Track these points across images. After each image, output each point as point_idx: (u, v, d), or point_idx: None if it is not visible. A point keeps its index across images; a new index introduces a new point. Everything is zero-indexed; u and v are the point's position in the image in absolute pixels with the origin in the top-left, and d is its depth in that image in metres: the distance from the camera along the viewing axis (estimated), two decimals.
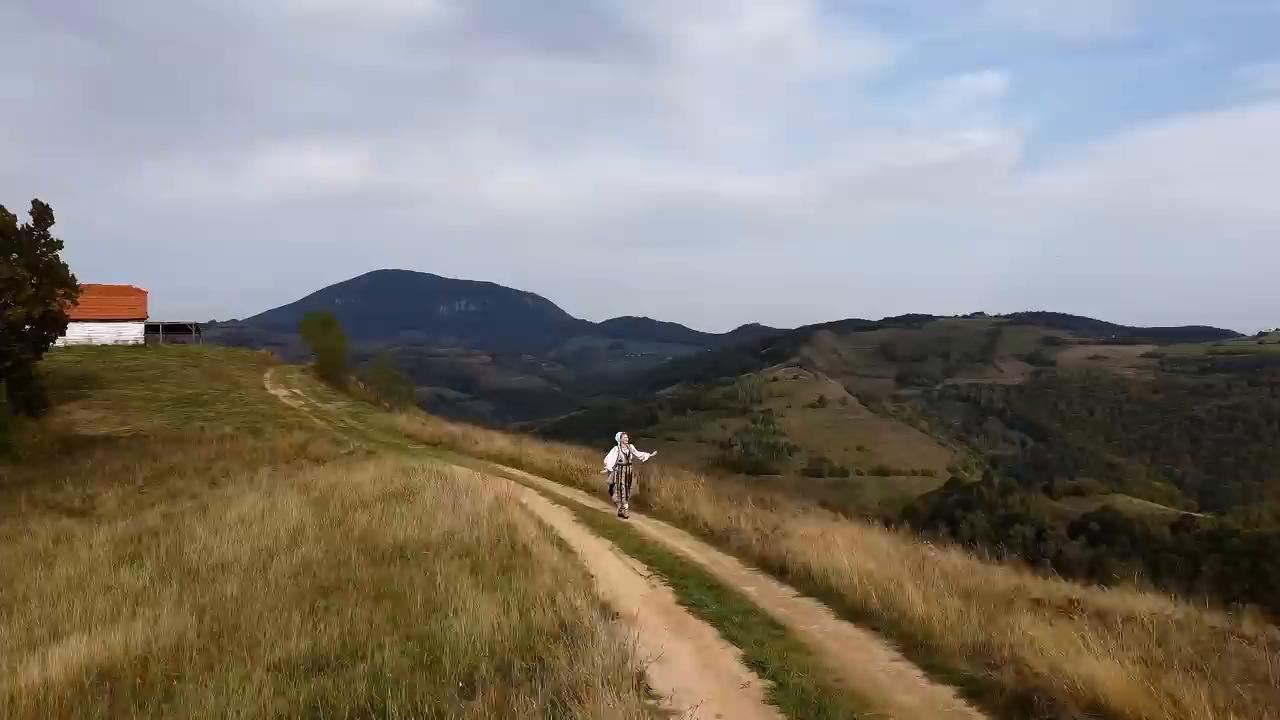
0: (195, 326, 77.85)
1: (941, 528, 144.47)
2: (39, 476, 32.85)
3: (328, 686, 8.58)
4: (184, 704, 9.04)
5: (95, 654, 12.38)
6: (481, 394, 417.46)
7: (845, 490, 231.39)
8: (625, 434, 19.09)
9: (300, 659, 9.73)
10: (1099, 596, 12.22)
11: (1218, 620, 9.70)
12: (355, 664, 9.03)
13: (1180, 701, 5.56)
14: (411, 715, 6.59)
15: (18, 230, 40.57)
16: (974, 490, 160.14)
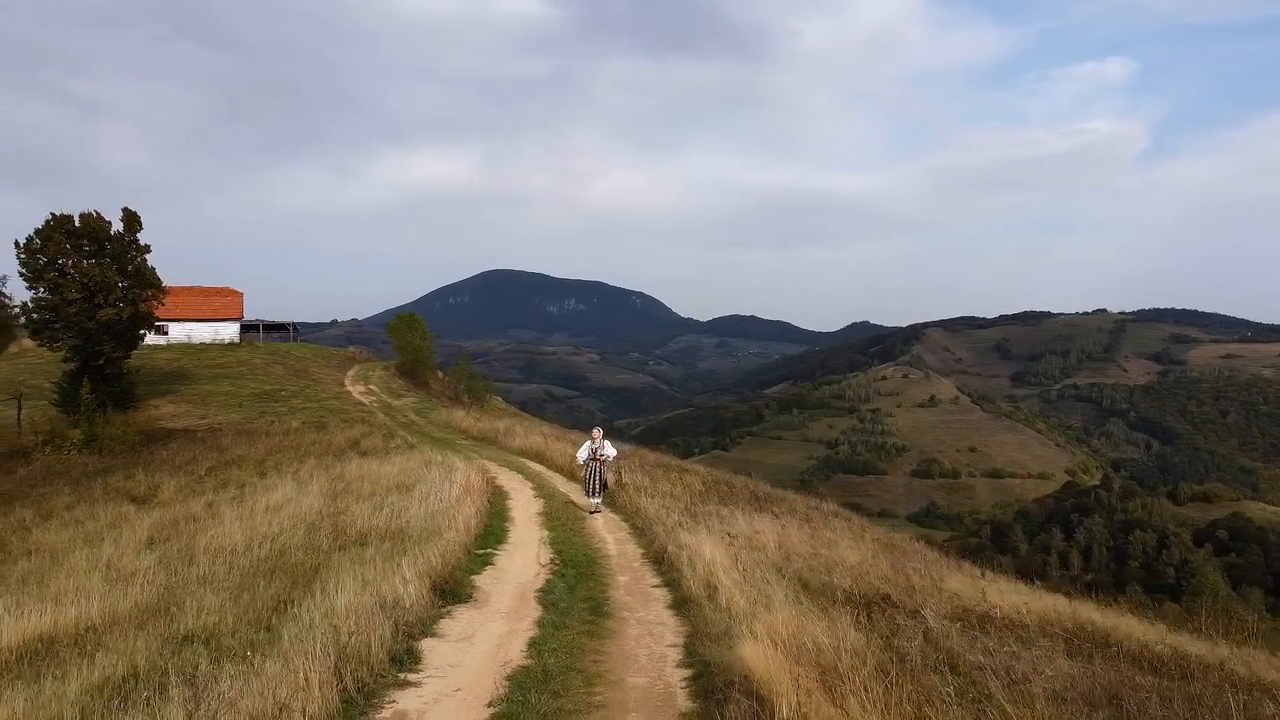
0: (293, 326, 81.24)
1: (1056, 532, 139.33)
2: (118, 466, 35.00)
3: (185, 652, 9.09)
4: (67, 665, 9.74)
5: (49, 624, 13.45)
6: (589, 391, 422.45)
7: (957, 492, 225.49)
8: (600, 429, 19.05)
9: (183, 632, 10.34)
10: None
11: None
12: (220, 639, 9.43)
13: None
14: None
15: (111, 236, 43.24)
16: (1092, 494, 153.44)
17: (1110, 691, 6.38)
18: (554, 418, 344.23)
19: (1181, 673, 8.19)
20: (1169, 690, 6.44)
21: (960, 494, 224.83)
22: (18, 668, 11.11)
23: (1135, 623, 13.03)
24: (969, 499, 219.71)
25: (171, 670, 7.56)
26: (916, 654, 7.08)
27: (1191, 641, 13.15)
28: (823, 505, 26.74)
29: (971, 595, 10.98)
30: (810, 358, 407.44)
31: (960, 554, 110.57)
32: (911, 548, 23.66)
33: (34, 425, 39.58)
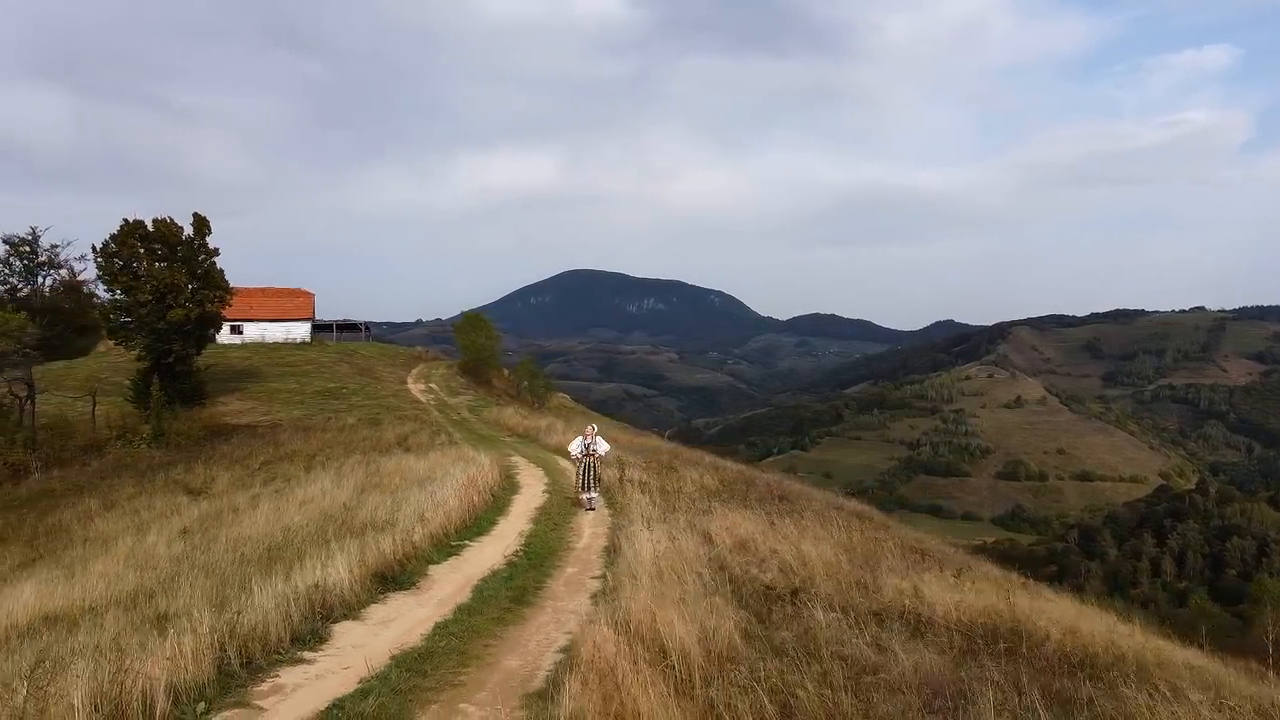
0: (365, 325, 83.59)
1: (1147, 538, 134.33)
2: (181, 460, 36.75)
3: (144, 630, 9.74)
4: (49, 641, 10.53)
5: (62, 604, 14.47)
6: (668, 390, 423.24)
7: (1044, 495, 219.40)
8: (594, 426, 19.30)
9: (159, 612, 11.04)
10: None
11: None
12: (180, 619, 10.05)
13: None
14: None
15: (182, 240, 45.32)
16: (1187, 499, 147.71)
17: (955, 684, 6.43)
18: (632, 416, 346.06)
19: (1091, 675, 8.10)
20: (1028, 684, 6.45)
21: (1047, 497, 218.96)
22: (13, 641, 12.05)
23: (1116, 628, 12.82)
24: (1056, 502, 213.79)
25: (110, 645, 8.17)
26: (791, 644, 7.23)
27: (1168, 648, 12.89)
28: (847, 504, 26.53)
29: (927, 596, 10.94)
30: (892, 357, 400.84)
31: (1030, 560, 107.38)
32: (939, 550, 23.37)
33: (109, 420, 41.77)
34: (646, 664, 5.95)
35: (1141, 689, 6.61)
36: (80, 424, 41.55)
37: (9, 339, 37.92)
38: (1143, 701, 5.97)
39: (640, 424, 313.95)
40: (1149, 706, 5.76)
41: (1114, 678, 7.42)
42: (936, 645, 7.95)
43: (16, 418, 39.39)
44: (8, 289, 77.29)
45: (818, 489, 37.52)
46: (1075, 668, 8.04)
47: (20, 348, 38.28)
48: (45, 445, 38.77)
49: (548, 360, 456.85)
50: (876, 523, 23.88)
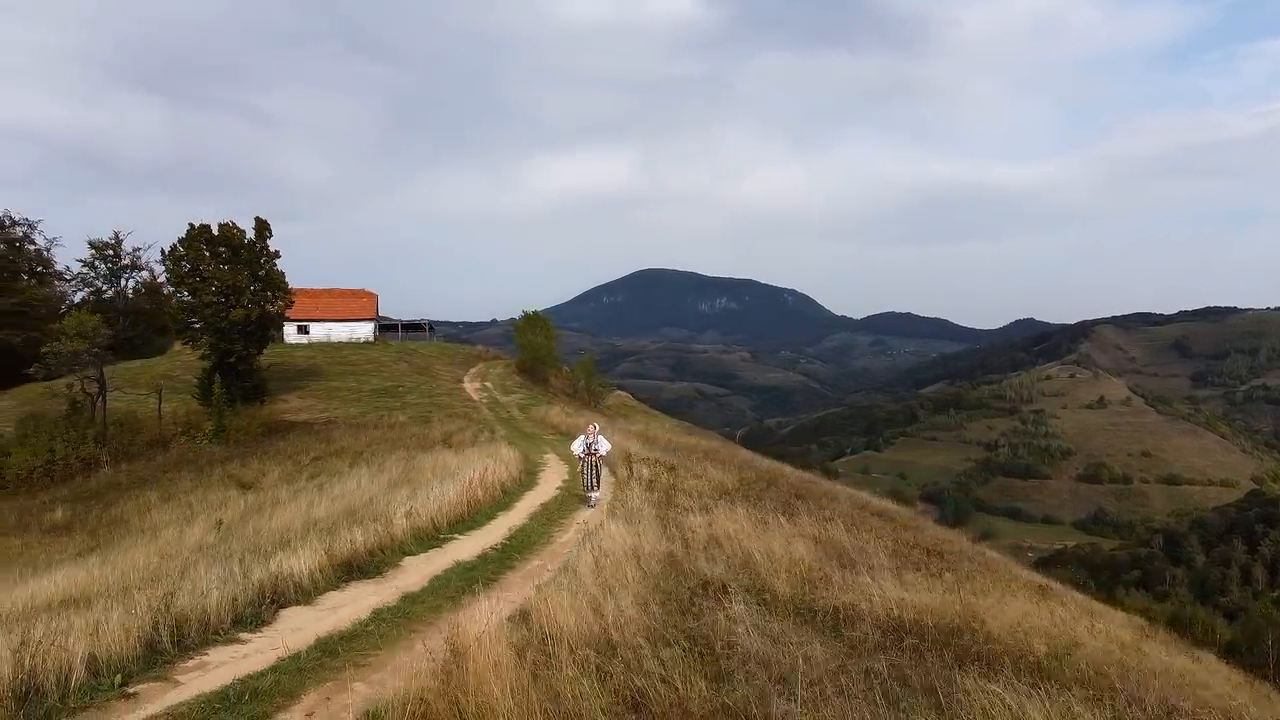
0: (429, 325, 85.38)
1: (1238, 544, 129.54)
2: (238, 455, 38.24)
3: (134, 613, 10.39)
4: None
5: (84, 587, 15.37)
6: (740, 390, 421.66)
7: (1127, 498, 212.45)
8: (595, 425, 19.52)
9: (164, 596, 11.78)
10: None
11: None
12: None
13: None
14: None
15: (244, 243, 47.03)
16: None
17: (838, 669, 6.56)
18: (703, 416, 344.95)
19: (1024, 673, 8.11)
20: (908, 671, 6.54)
21: (1131, 500, 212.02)
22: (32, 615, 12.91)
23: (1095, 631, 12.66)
24: (1141, 506, 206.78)
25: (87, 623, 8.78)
26: (690, 634, 7.41)
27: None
28: (875, 504, 26.36)
29: (882, 594, 10.98)
30: (970, 356, 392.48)
31: (1112, 565, 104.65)
32: (963, 551, 23.09)
33: (174, 417, 43.63)
34: (515, 651, 6.21)
35: (1033, 685, 6.65)
36: (149, 420, 43.43)
37: (82, 339, 39.88)
38: (1011, 699, 6.01)
39: (711, 424, 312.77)
40: (1005, 700, 5.80)
41: (1033, 677, 7.43)
42: (851, 640, 8.04)
43: (89, 414, 41.41)
44: (93, 291, 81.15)
45: (859, 490, 37.20)
46: (995, 664, 8.04)
47: (92, 347, 40.19)
48: (115, 441, 40.67)
49: (620, 359, 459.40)
50: (900, 523, 23.66)
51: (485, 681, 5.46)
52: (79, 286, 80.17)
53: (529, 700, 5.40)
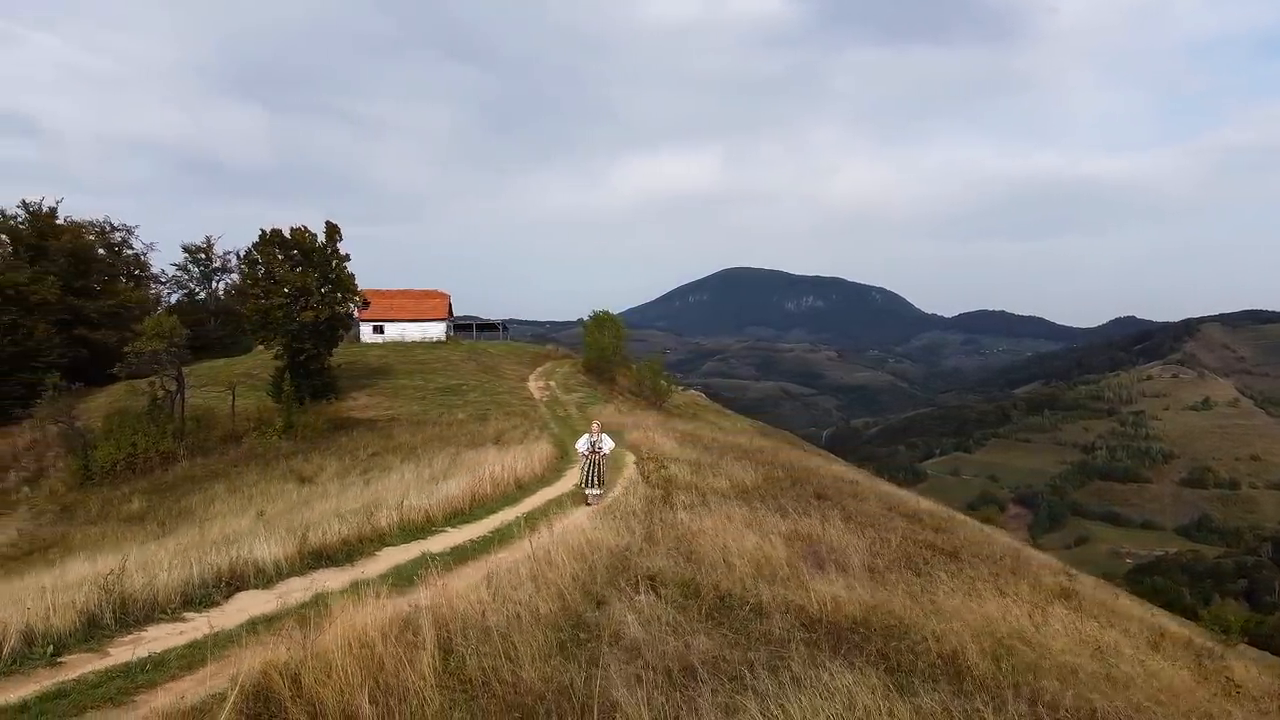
0: (503, 325, 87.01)
1: None
2: (303, 450, 39.86)
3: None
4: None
5: (102, 571, 16.46)
6: (826, 389, 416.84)
7: (1234, 504, 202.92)
8: (599, 423, 19.73)
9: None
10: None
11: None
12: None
13: None
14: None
15: (315, 247, 48.88)
16: None
17: (715, 658, 6.81)
18: (789, 415, 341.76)
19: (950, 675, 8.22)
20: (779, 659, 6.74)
21: (1239, 506, 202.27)
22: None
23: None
24: (1249, 512, 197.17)
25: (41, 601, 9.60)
26: (591, 624, 7.74)
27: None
28: (907, 503, 26.06)
29: (825, 592, 11.12)
30: (1066, 355, 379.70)
31: (1216, 573, 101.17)
32: (982, 553, 22.75)
33: (248, 413, 45.66)
34: (381, 634, 6.63)
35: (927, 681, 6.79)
36: (224, 416, 45.56)
37: (160, 339, 42.06)
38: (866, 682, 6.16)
39: (796, 424, 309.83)
40: (840, 685, 5.96)
41: (948, 676, 7.56)
42: (756, 633, 8.23)
43: (168, 411, 43.65)
44: (186, 292, 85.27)
45: (900, 489, 36.73)
46: (906, 662, 8.15)
47: (169, 347, 42.34)
48: (191, 436, 42.82)
49: (705, 359, 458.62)
50: (929, 524, 23.36)
51: (329, 660, 5.88)
52: (173, 288, 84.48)
53: (353, 675, 5.81)
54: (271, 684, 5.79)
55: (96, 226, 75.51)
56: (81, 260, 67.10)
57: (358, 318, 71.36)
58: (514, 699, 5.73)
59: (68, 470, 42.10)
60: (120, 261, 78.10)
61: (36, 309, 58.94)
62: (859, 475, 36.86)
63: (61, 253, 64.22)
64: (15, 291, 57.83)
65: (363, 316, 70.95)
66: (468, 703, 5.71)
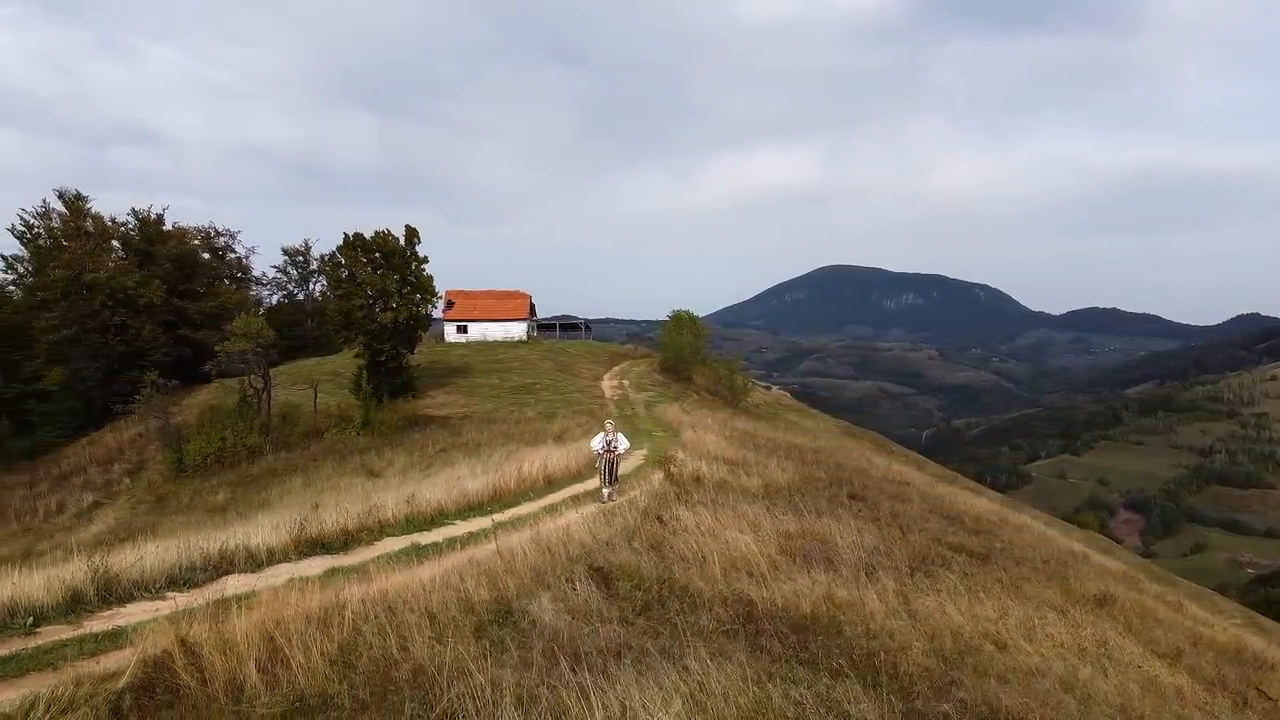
0: (585, 324, 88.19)
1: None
2: (377, 446, 41.41)
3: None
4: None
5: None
6: (926, 389, 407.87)
7: None
8: (612, 422, 19.97)
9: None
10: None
11: None
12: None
13: None
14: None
15: (395, 250, 50.64)
16: None
17: (619, 646, 7.18)
18: (888, 416, 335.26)
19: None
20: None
21: None
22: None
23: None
24: None
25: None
26: (517, 613, 8.17)
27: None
28: (957, 505, 25.67)
29: (783, 588, 11.30)
30: (1183, 355, 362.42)
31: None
32: (1043, 555, 22.32)
33: (329, 410, 47.63)
34: (324, 618, 7.20)
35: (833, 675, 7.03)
36: (309, 413, 47.63)
37: (247, 339, 44.28)
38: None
39: (895, 424, 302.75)
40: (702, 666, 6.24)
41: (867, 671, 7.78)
42: (682, 626, 8.53)
43: (255, 407, 45.90)
44: (285, 294, 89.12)
45: (965, 492, 35.98)
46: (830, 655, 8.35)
47: (256, 347, 44.52)
48: (276, 431, 44.92)
49: (802, 358, 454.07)
50: (969, 527, 23.00)
51: (233, 637, 6.47)
52: (273, 290, 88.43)
53: (252, 649, 6.39)
54: (172, 654, 6.40)
55: (201, 231, 79.70)
56: (186, 264, 70.96)
57: (443, 318, 73.54)
58: (394, 674, 6.21)
59: (163, 463, 44.74)
60: (223, 264, 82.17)
61: (144, 311, 62.69)
62: (923, 477, 36.29)
63: (167, 257, 68.06)
64: (125, 294, 61.64)
65: (447, 317, 73.07)
66: (347, 675, 6.22)
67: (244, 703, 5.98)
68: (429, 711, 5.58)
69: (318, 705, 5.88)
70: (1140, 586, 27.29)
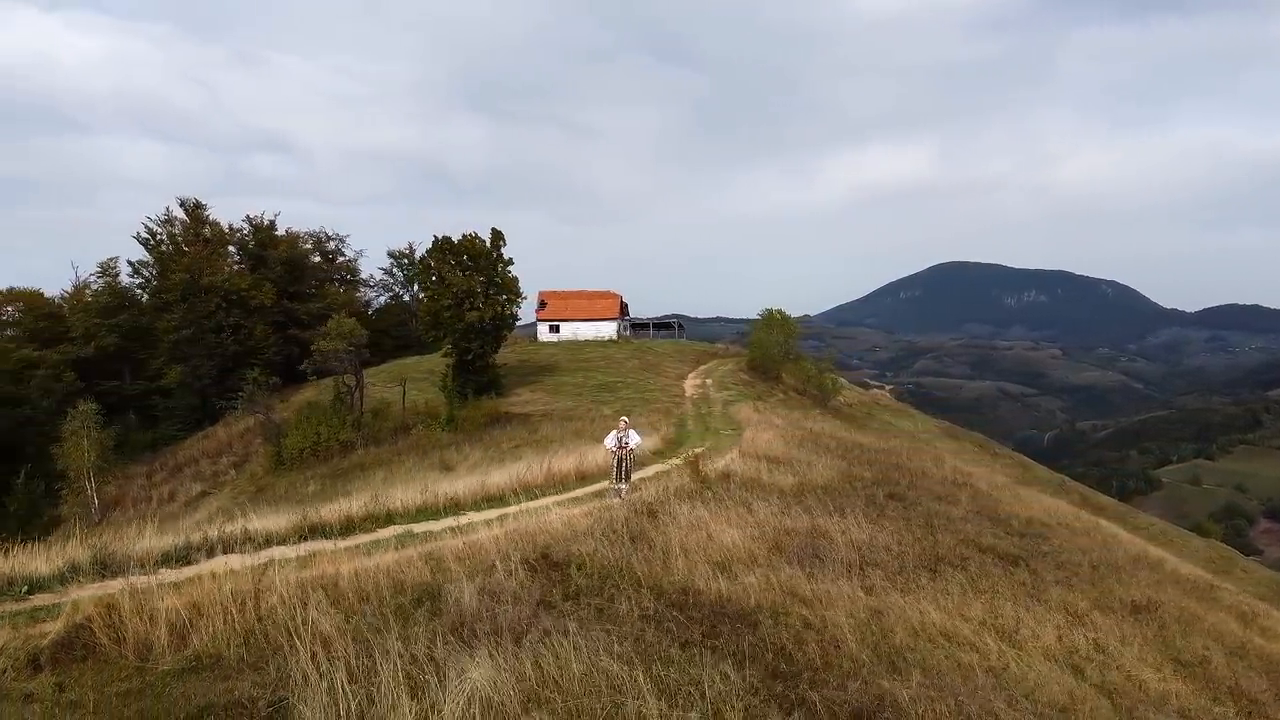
0: (678, 323, 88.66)
1: None
2: (457, 442, 42.93)
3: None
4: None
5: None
6: (1049, 389, 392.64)
7: None
8: (626, 419, 20.24)
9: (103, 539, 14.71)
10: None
11: None
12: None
13: None
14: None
15: (482, 252, 52.29)
16: None
17: (522, 624, 7.72)
18: (1006, 417, 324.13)
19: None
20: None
21: None
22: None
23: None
24: None
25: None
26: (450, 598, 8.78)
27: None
28: (1014, 511, 25.11)
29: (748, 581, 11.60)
30: None
31: None
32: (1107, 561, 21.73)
33: (418, 407, 49.56)
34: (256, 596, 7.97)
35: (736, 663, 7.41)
36: (399, 410, 49.71)
37: (340, 339, 46.51)
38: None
39: (1014, 426, 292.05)
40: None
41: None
42: (611, 614, 8.98)
43: (349, 404, 48.17)
44: (391, 295, 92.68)
45: (1039, 495, 34.84)
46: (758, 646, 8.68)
47: (348, 346, 46.71)
48: (367, 427, 47.04)
49: (917, 357, 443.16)
50: (1016, 529, 22.49)
51: (153, 605, 7.27)
52: (380, 291, 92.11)
53: (171, 615, 7.15)
54: (93, 619, 7.23)
55: (313, 235, 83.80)
56: (296, 267, 74.81)
57: (536, 318, 75.33)
58: (293, 642, 6.90)
59: (264, 456, 47.48)
60: (333, 267, 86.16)
61: (255, 311, 66.43)
62: (994, 479, 35.33)
63: (278, 261, 71.90)
64: (238, 296, 65.45)
65: (540, 316, 74.79)
66: (248, 641, 6.93)
67: (150, 660, 6.76)
68: (291, 667, 6.23)
69: (209, 664, 6.60)
70: (1214, 596, 26.12)
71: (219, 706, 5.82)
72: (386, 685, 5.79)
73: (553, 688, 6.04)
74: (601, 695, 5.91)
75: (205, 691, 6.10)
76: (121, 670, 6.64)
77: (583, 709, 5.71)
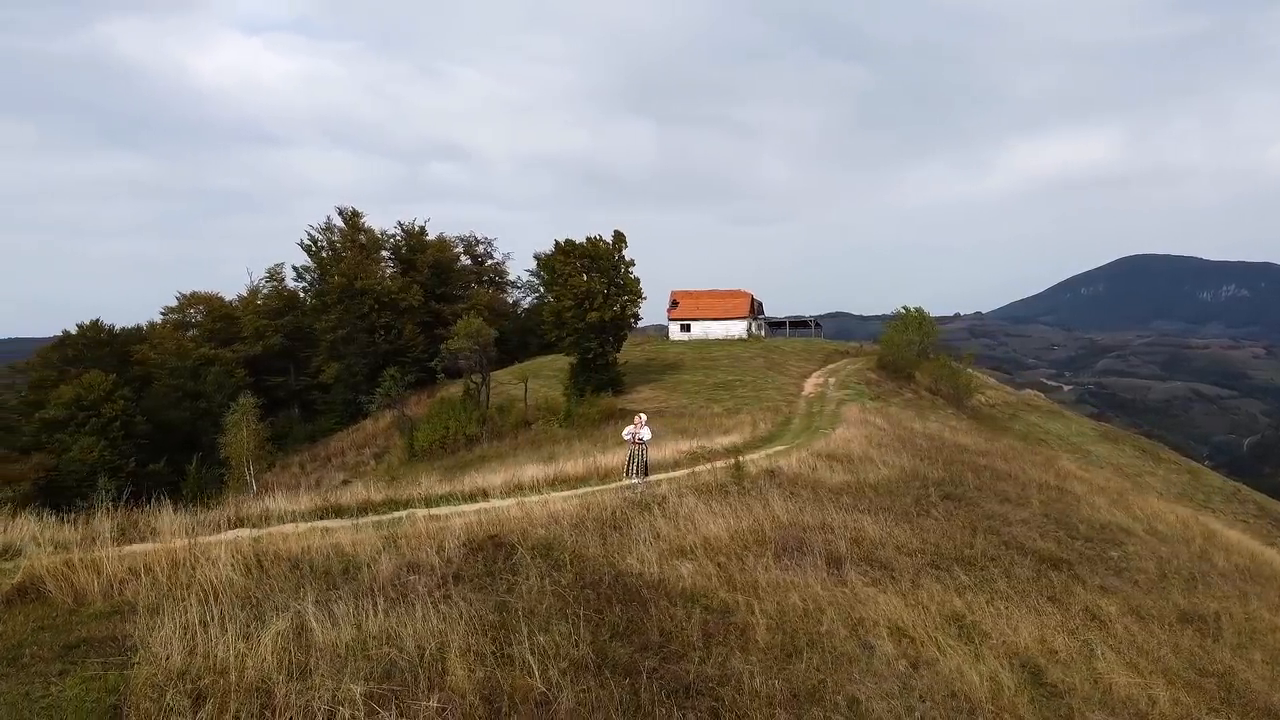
0: (814, 321, 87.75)
1: None
2: (571, 437, 44.54)
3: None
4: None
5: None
6: (1250, 391, 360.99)
7: None
8: (643, 415, 20.60)
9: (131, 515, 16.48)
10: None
11: None
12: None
13: None
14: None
15: (604, 254, 53.86)
16: None
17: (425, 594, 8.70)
18: (1201, 420, 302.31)
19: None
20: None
21: None
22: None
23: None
24: None
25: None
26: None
27: None
28: (1087, 518, 24.12)
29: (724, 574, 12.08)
30: None
31: None
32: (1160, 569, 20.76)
33: (539, 403, 51.64)
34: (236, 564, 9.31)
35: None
36: (523, 407, 51.99)
37: (468, 339, 49.10)
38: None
39: (1209, 430, 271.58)
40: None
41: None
42: (523, 588, 9.84)
43: (476, 400, 50.76)
44: (537, 296, 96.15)
45: (1154, 501, 32.68)
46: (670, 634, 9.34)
47: (474, 345, 49.24)
48: (492, 422, 49.45)
49: (1098, 356, 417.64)
50: (1082, 534, 21.60)
51: (100, 565, 8.68)
52: (526, 292, 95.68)
53: (112, 575, 8.54)
54: (45, 572, 8.70)
55: (463, 240, 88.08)
56: (443, 269, 78.94)
57: (668, 317, 76.50)
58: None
59: (399, 448, 50.74)
60: (482, 269, 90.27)
61: (405, 312, 70.70)
62: (1097, 483, 33.50)
63: (427, 264, 76.12)
64: (389, 298, 69.86)
65: (671, 316, 75.94)
66: (170, 593, 8.23)
67: (83, 606, 8.19)
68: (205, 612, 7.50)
69: (127, 610, 7.93)
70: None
71: (95, 639, 7.11)
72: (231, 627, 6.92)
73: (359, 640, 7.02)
74: (383, 648, 6.84)
75: (97, 629, 7.42)
76: (56, 611, 8.07)
77: (361, 656, 6.69)
